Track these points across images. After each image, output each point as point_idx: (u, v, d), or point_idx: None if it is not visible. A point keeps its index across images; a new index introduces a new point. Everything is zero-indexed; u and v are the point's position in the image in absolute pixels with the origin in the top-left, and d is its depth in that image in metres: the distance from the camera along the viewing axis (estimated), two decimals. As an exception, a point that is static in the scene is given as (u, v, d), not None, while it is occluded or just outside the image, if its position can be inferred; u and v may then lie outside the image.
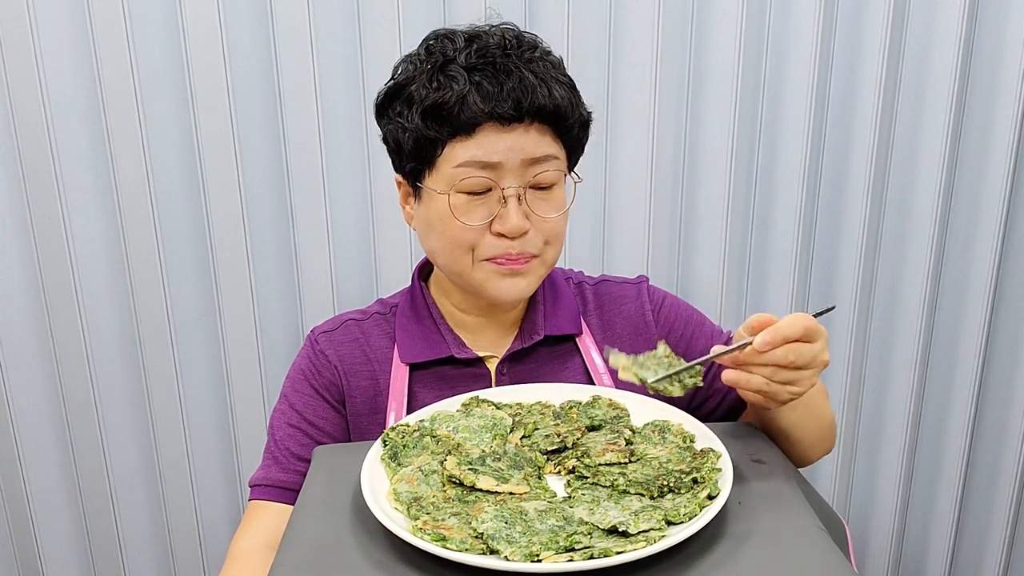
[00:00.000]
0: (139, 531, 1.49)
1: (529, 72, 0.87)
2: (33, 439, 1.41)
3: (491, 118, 0.85)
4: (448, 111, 0.86)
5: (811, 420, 0.91)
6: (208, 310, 1.40)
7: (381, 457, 0.80)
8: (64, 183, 1.30)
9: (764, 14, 1.36)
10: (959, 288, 1.50)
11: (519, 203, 0.88)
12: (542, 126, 0.88)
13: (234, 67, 1.29)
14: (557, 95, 0.88)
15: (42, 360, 1.38)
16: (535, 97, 0.86)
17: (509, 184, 0.87)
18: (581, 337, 1.01)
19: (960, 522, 1.62)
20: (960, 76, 1.38)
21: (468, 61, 0.87)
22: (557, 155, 0.90)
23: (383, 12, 1.29)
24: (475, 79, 0.86)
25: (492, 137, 0.86)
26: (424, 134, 0.87)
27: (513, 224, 0.87)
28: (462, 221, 0.88)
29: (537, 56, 0.90)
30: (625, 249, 1.44)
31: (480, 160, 0.86)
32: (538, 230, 0.90)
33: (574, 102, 0.91)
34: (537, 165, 0.88)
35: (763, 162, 1.44)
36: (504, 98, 0.85)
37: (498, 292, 0.92)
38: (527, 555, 0.63)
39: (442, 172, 0.88)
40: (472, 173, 0.87)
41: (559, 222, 0.92)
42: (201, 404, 1.44)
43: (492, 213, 0.88)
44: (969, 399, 1.54)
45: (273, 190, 1.36)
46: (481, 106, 0.85)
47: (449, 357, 0.97)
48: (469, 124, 0.86)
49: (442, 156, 0.88)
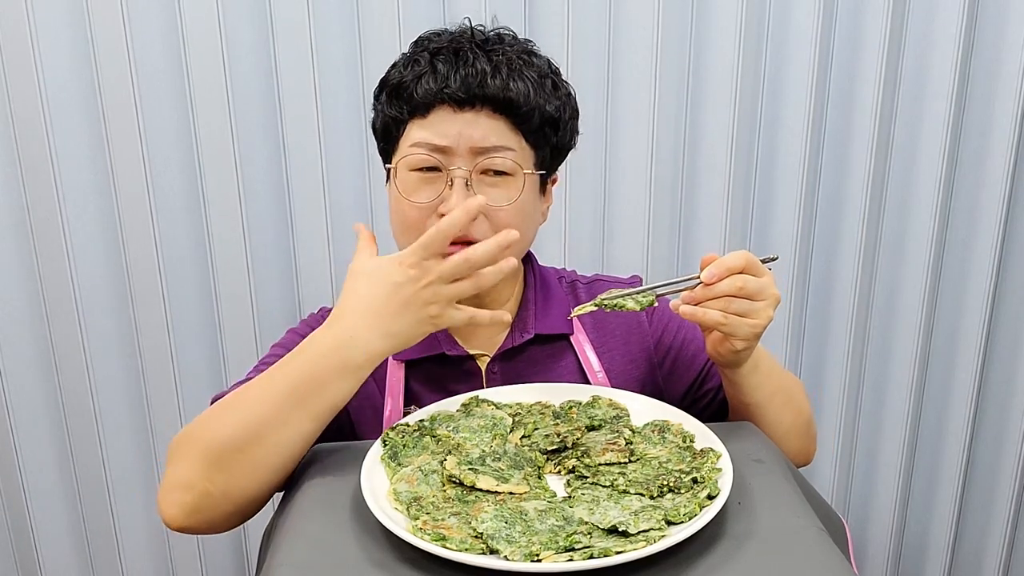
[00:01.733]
0: (137, 531, 1.49)
1: (486, 60, 0.89)
2: (32, 440, 1.41)
3: (442, 100, 0.88)
4: (405, 90, 0.90)
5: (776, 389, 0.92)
6: (207, 311, 1.39)
7: (381, 457, 0.80)
8: (63, 184, 1.30)
9: (764, 14, 1.36)
10: (959, 287, 1.50)
11: (466, 187, 0.88)
12: (495, 115, 0.89)
13: (233, 68, 1.28)
14: (513, 87, 0.89)
15: (40, 360, 1.38)
16: (485, 83, 0.88)
17: (458, 167, 0.89)
18: (574, 336, 1.01)
19: (960, 521, 1.62)
20: (959, 76, 1.38)
21: (434, 47, 0.91)
22: (512, 146, 0.90)
23: (383, 14, 1.29)
24: (435, 63, 0.89)
25: (445, 120, 0.89)
26: (387, 113, 0.93)
27: (453, 206, 0.87)
28: (408, 198, 0.90)
29: (506, 47, 0.91)
30: (624, 249, 1.44)
31: (430, 142, 0.89)
32: (488, 219, 0.90)
33: (535, 96, 0.90)
34: (486, 153, 0.89)
35: (763, 162, 1.44)
36: (456, 81, 0.88)
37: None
38: (527, 555, 0.63)
39: (400, 152, 0.92)
40: (420, 152, 0.89)
41: (511, 214, 0.91)
42: (200, 405, 1.43)
43: (438, 194, 0.89)
44: (969, 398, 1.54)
45: (272, 191, 1.35)
46: (432, 87, 0.88)
47: (441, 355, 0.97)
48: (423, 105, 0.89)
49: (403, 137, 0.92)
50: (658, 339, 1.03)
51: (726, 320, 0.80)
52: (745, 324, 0.81)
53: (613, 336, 1.02)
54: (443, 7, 1.31)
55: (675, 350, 1.02)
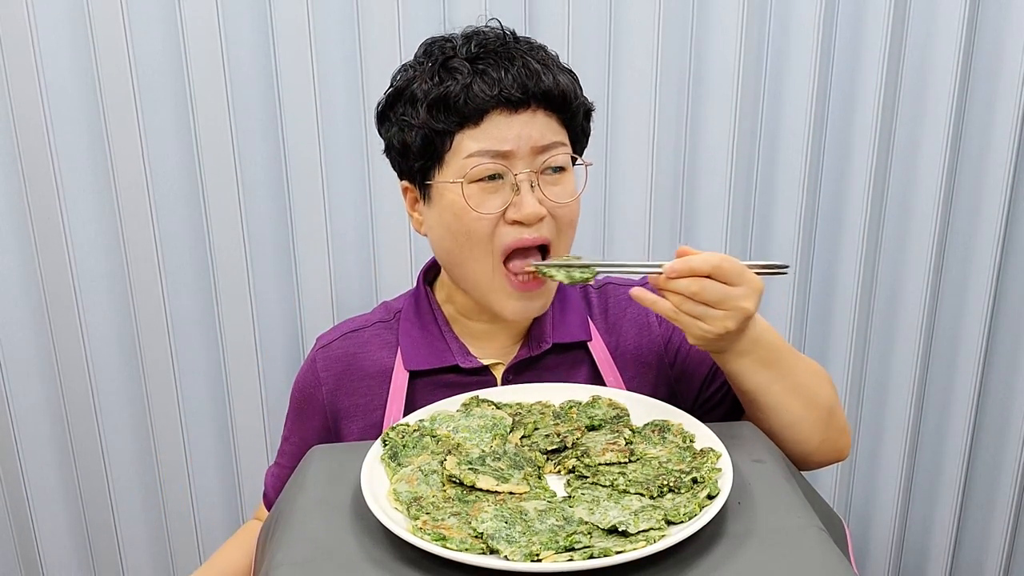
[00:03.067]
0: (138, 531, 1.49)
1: (531, 59, 0.87)
2: (33, 440, 1.41)
3: (498, 103, 0.85)
4: (455, 100, 0.85)
5: (785, 387, 0.87)
6: (207, 312, 1.40)
7: (381, 457, 0.80)
8: (63, 184, 1.30)
9: (764, 15, 1.36)
10: (960, 289, 1.50)
11: (532, 189, 0.87)
12: (548, 112, 0.88)
13: (233, 69, 1.29)
14: (561, 80, 0.88)
15: (41, 360, 1.38)
16: (540, 81, 0.86)
17: (521, 170, 0.87)
18: (592, 343, 0.99)
19: (961, 522, 1.62)
20: (960, 77, 1.38)
21: (469, 53, 0.87)
22: (564, 141, 0.90)
23: (383, 15, 1.29)
24: (479, 67, 0.86)
25: (500, 124, 0.86)
26: (432, 127, 0.87)
27: (529, 210, 0.86)
28: (477, 211, 0.87)
29: (536, 46, 0.91)
30: (625, 249, 1.44)
31: (490, 149, 0.86)
32: (553, 216, 0.89)
33: (577, 88, 0.92)
34: (546, 151, 0.88)
35: (763, 163, 1.44)
36: (510, 82, 0.85)
37: (511, 312, 0.92)
38: (527, 555, 0.63)
39: (452, 166, 0.88)
40: (483, 161, 0.86)
41: (573, 208, 0.91)
42: (200, 405, 1.44)
43: (506, 201, 0.87)
44: (970, 399, 1.54)
45: (272, 192, 1.35)
46: (488, 91, 0.85)
47: (454, 366, 0.96)
48: (477, 112, 0.85)
49: (451, 150, 0.87)
50: (667, 339, 1.01)
51: (675, 316, 0.80)
52: (696, 326, 0.79)
53: (625, 339, 1.01)
54: (443, 7, 1.31)
55: (684, 350, 1.00)
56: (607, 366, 0.98)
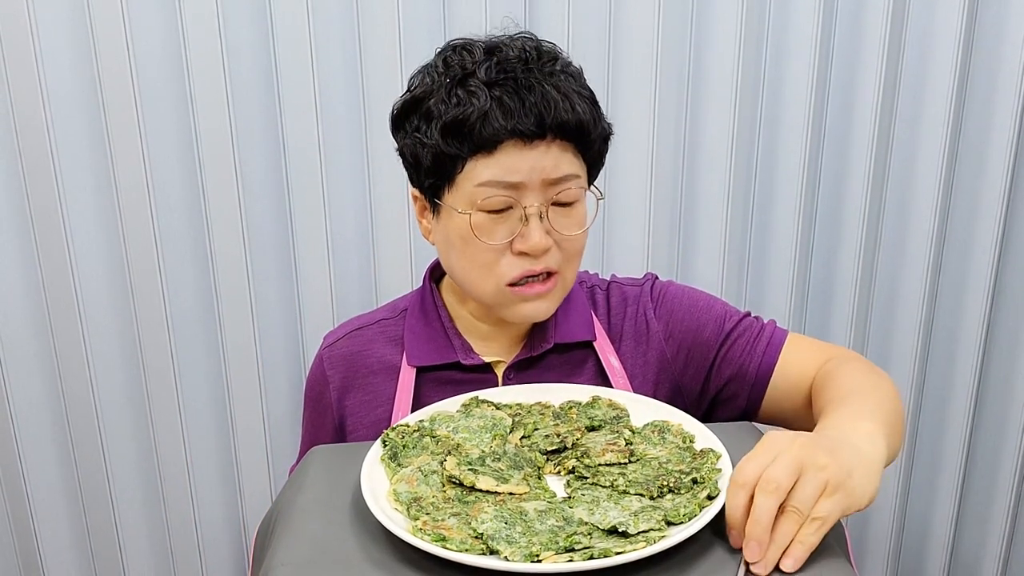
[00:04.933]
0: (138, 530, 1.49)
1: (551, 87, 0.85)
2: (33, 438, 1.41)
3: (513, 135, 0.83)
4: (469, 128, 0.83)
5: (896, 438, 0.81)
6: (207, 310, 1.40)
7: (381, 457, 0.80)
8: (64, 184, 1.30)
9: (764, 14, 1.36)
10: (958, 286, 1.50)
11: (540, 221, 0.86)
12: (564, 143, 0.86)
13: (233, 69, 1.28)
14: (580, 110, 0.86)
15: (42, 359, 1.38)
16: (558, 113, 0.84)
17: (531, 203, 0.86)
18: (597, 341, 0.98)
19: (959, 520, 1.62)
20: (959, 75, 1.38)
21: (488, 76, 0.84)
22: (579, 173, 0.89)
23: (383, 15, 1.29)
24: (495, 94, 0.83)
25: (514, 155, 0.84)
26: (444, 151, 0.85)
27: (535, 242, 0.86)
28: (484, 241, 0.87)
29: (558, 69, 0.87)
30: (625, 249, 1.44)
31: (502, 180, 0.85)
32: (559, 247, 0.89)
33: (596, 117, 0.89)
34: (558, 184, 0.87)
35: (763, 162, 1.44)
36: (526, 114, 0.83)
37: (518, 316, 0.92)
38: (527, 555, 0.64)
39: (462, 190, 0.87)
40: (493, 192, 0.85)
41: (580, 239, 0.90)
42: (200, 404, 1.44)
43: (513, 232, 0.86)
44: (968, 397, 1.54)
45: (272, 191, 1.35)
46: (503, 123, 0.83)
47: (456, 363, 0.96)
48: (491, 141, 0.84)
49: (462, 174, 0.86)
50: (667, 331, 0.99)
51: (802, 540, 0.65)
52: (807, 540, 0.64)
53: (626, 340, 1.00)
54: (443, 7, 1.31)
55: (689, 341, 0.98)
56: (612, 366, 0.98)
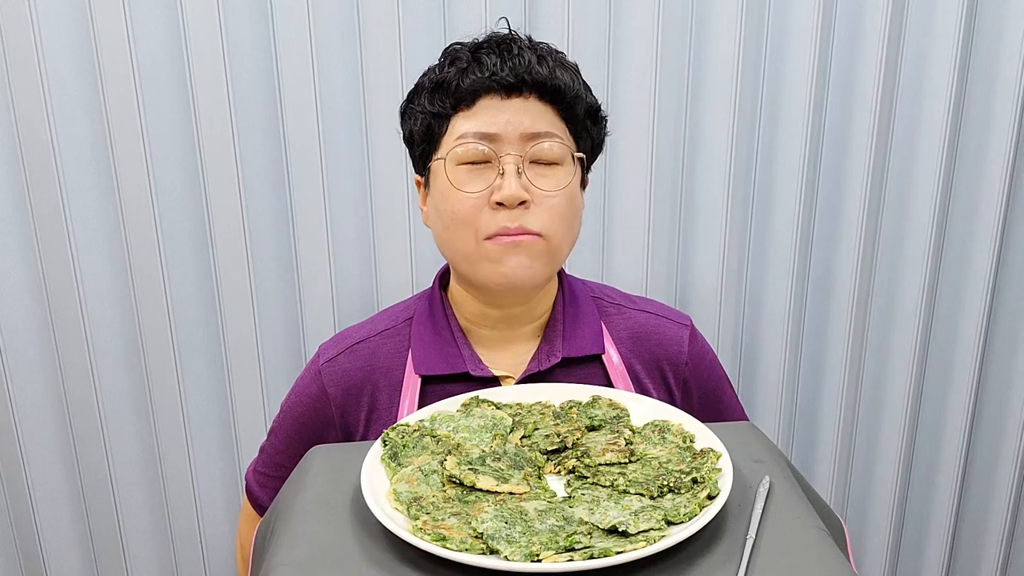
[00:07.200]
0: (141, 527, 1.49)
1: (531, 52, 0.90)
2: (35, 436, 1.41)
3: (490, 87, 0.88)
4: (449, 84, 0.90)
5: None
6: (209, 309, 1.40)
7: (381, 457, 0.80)
8: (65, 183, 1.30)
9: (763, 14, 1.36)
10: (957, 286, 1.50)
11: (518, 174, 0.87)
12: (543, 102, 0.90)
13: (234, 68, 1.28)
14: (560, 74, 0.90)
15: (44, 357, 1.38)
16: (534, 69, 0.88)
17: (507, 154, 0.88)
18: (606, 355, 0.98)
19: (958, 521, 1.63)
20: (959, 75, 1.38)
21: (475, 45, 0.92)
22: (559, 134, 0.90)
23: (383, 15, 1.29)
24: (478, 56, 0.90)
25: (492, 108, 0.88)
26: (430, 111, 0.91)
27: (510, 192, 0.86)
28: (461, 190, 0.88)
29: (543, 45, 0.93)
30: (625, 249, 1.44)
31: (479, 131, 0.88)
32: (540, 206, 0.88)
33: (577, 85, 0.92)
34: (536, 139, 0.89)
35: (762, 162, 1.44)
36: (503, 68, 0.88)
37: (499, 276, 0.89)
38: (527, 555, 0.64)
39: (445, 147, 0.90)
40: (470, 142, 0.88)
41: (562, 200, 0.89)
42: (202, 402, 1.44)
43: (490, 183, 0.88)
44: (967, 398, 1.54)
45: (273, 191, 1.35)
46: (480, 75, 0.88)
47: (464, 373, 0.95)
48: (470, 94, 0.89)
49: (447, 133, 0.91)
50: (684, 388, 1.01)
51: None
52: None
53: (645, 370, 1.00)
54: (443, 7, 1.31)
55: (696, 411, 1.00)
56: (621, 379, 0.97)
